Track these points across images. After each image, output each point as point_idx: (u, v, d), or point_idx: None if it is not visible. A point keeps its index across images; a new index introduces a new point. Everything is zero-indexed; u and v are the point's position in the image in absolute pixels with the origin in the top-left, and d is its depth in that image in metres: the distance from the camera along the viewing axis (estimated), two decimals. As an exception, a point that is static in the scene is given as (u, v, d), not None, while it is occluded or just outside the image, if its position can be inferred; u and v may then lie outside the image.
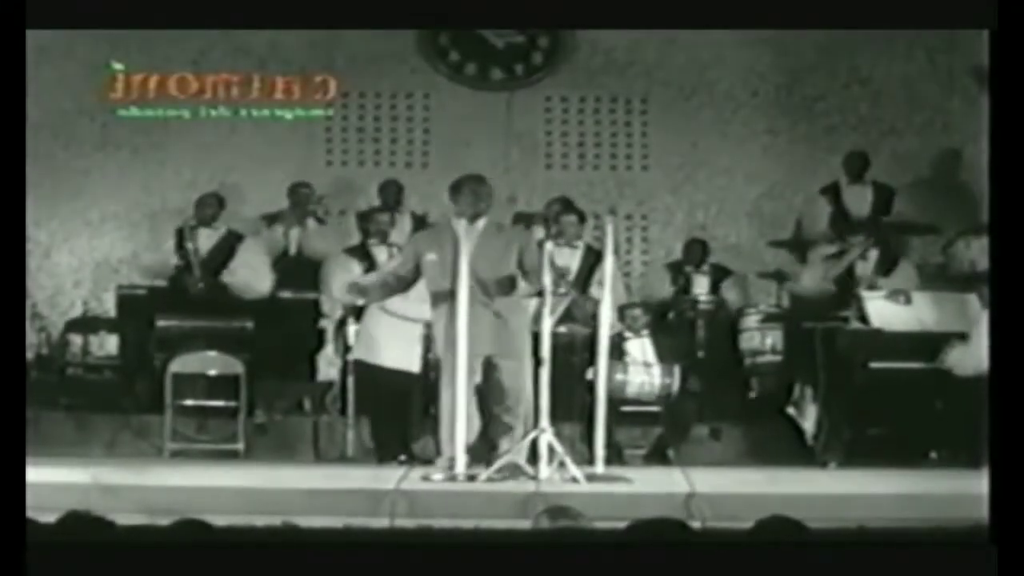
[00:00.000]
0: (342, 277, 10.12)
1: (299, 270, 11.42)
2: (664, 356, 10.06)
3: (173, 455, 10.13)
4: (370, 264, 10.29)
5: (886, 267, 10.75)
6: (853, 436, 9.58)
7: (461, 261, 8.22)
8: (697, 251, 11.61)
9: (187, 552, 5.35)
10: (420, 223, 11.43)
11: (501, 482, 8.12)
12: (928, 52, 12.39)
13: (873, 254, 10.80)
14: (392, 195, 11.66)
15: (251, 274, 11.00)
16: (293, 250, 11.60)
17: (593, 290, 10.45)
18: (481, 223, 8.56)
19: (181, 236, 10.99)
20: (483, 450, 8.51)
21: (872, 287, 10.36)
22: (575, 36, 12.45)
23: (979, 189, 11.11)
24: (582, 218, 10.91)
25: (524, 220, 11.36)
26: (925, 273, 11.06)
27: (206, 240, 11.01)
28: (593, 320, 9.57)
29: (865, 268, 10.73)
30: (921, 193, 12.17)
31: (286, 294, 11.19)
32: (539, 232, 10.86)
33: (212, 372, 10.39)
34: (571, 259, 10.60)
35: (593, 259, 10.65)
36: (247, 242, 11.16)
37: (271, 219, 11.68)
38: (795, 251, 11.72)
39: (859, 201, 11.63)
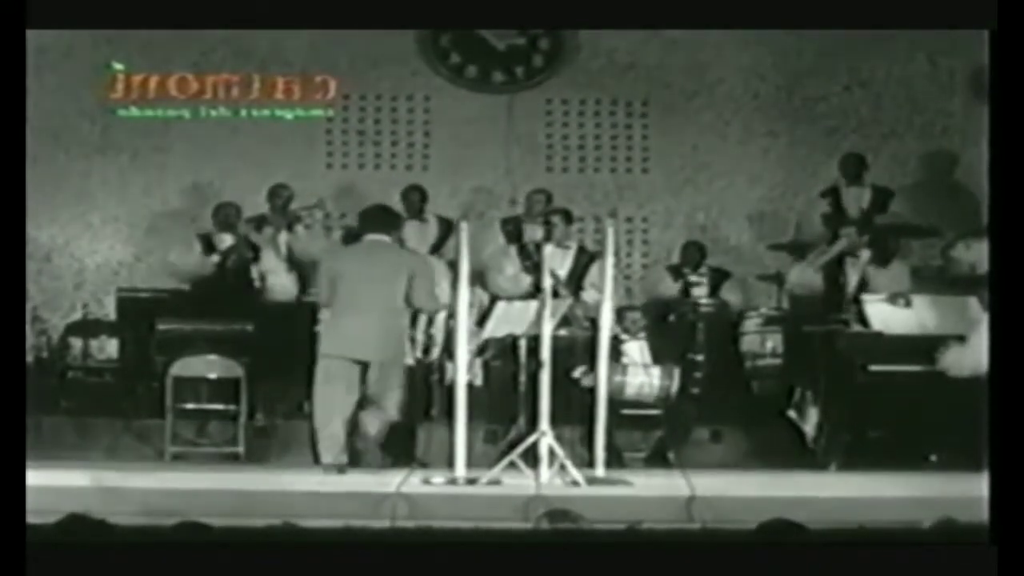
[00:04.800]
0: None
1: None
2: (663, 358, 10.05)
3: (174, 458, 10.12)
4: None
5: (880, 264, 10.76)
6: (853, 439, 9.57)
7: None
8: (694, 253, 11.59)
9: (187, 554, 5.35)
10: (447, 227, 11.28)
11: (501, 485, 8.12)
12: (928, 54, 12.38)
13: (866, 253, 10.81)
14: (416, 201, 11.52)
15: (277, 277, 11.15)
16: (283, 253, 11.59)
17: (585, 292, 10.44)
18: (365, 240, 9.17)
19: (206, 241, 11.13)
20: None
21: (865, 280, 10.37)
22: (576, 38, 12.43)
23: (979, 191, 11.10)
24: (569, 218, 10.88)
25: (513, 223, 11.35)
26: (925, 275, 11.05)
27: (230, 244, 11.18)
28: (587, 322, 9.53)
29: (857, 265, 10.75)
30: (921, 195, 12.17)
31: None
32: (537, 233, 10.84)
33: (212, 375, 10.37)
34: (563, 260, 10.58)
35: (586, 260, 10.63)
36: (266, 248, 11.25)
37: (258, 222, 11.59)
38: (795, 254, 11.71)
39: (857, 203, 11.63)
